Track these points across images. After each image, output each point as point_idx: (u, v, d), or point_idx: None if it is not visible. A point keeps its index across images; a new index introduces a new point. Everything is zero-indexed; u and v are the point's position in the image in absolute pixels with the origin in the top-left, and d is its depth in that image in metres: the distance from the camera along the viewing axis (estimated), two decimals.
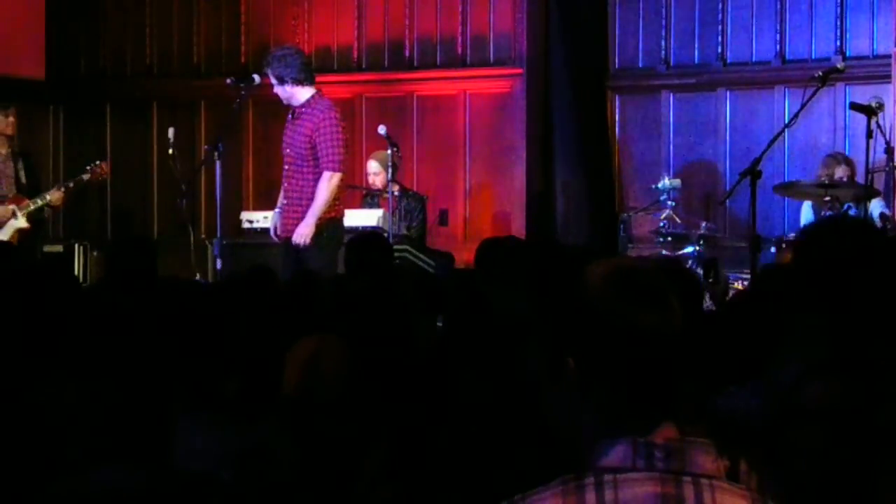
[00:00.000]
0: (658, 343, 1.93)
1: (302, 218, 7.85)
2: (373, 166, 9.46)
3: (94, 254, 10.55)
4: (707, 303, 7.57)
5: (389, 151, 8.94)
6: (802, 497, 2.42)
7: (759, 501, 1.93)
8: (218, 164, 7.95)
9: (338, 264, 7.41)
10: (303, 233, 7.79)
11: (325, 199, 7.81)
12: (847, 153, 9.32)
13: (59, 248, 10.64)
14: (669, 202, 8.89)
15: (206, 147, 9.91)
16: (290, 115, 8.10)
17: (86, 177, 9.68)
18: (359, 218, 8.83)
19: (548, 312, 1.94)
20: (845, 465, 2.44)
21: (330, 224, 7.88)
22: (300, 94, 7.96)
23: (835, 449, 2.47)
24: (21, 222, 9.33)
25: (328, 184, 7.83)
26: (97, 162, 9.81)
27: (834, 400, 2.51)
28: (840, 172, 8.61)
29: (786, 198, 9.28)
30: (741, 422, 2.64)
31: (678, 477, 1.90)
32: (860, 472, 2.44)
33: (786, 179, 9.24)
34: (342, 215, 8.18)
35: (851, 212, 8.31)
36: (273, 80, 7.99)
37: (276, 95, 8.07)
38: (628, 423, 1.92)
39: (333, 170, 7.84)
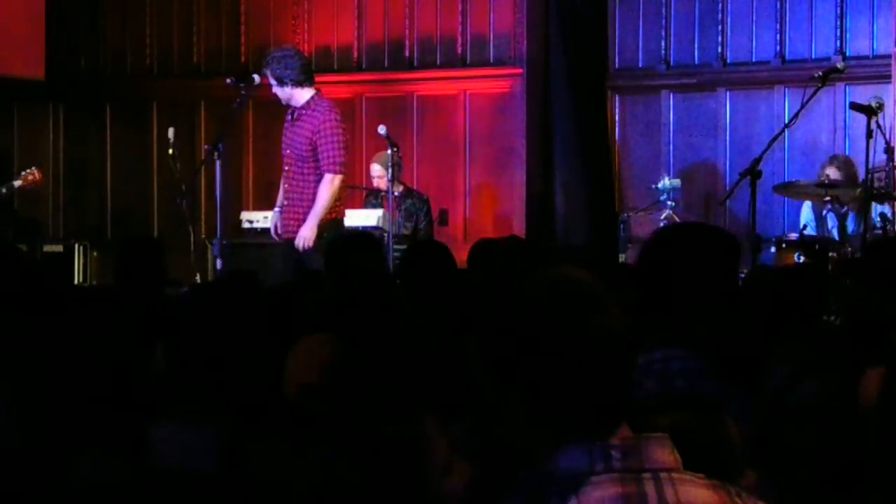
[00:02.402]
0: (604, 348, 1.93)
1: (303, 219, 7.86)
2: (376, 169, 9.44)
3: (95, 254, 10.55)
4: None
5: (390, 152, 8.94)
6: (798, 495, 2.43)
7: (719, 487, 1.93)
8: (218, 164, 7.95)
9: None
10: (305, 236, 7.80)
11: (326, 202, 7.82)
12: (847, 153, 9.31)
13: (59, 248, 10.64)
14: (669, 202, 8.89)
15: (206, 147, 9.90)
16: (289, 116, 8.10)
17: (17, 183, 9.60)
18: (359, 218, 8.83)
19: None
20: (838, 462, 2.44)
21: (331, 225, 7.89)
22: (300, 95, 7.97)
23: (830, 447, 2.47)
24: None
25: (329, 186, 7.84)
26: (31, 168, 9.73)
27: (827, 398, 2.51)
28: (832, 174, 8.58)
29: (786, 198, 9.28)
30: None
31: (638, 475, 1.90)
32: (853, 470, 2.44)
33: (786, 179, 9.24)
34: (343, 216, 8.20)
35: (850, 213, 8.31)
36: (272, 81, 7.99)
37: (276, 95, 8.08)
38: (584, 428, 1.92)
39: (334, 172, 7.85)
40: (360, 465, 2.77)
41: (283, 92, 7.98)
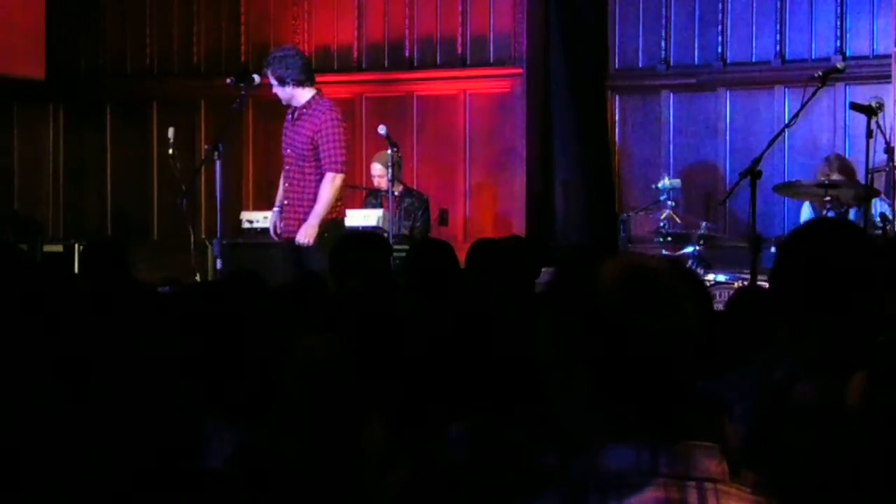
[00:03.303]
0: (670, 347, 1.91)
1: (304, 219, 7.87)
2: (376, 168, 9.44)
3: None
4: None
5: (390, 151, 8.93)
6: (796, 496, 2.42)
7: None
8: (218, 164, 7.95)
9: None
10: (307, 234, 7.81)
11: (328, 201, 7.83)
12: (847, 153, 9.31)
13: (58, 248, 10.63)
14: (669, 202, 8.88)
15: (206, 147, 9.89)
16: (289, 116, 8.11)
17: None
18: (359, 218, 8.82)
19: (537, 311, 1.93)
20: (838, 463, 2.44)
21: (332, 225, 7.90)
22: (301, 95, 7.97)
23: (827, 447, 2.46)
24: None
25: (331, 185, 7.84)
26: None
27: (826, 398, 2.51)
28: (834, 177, 8.58)
29: (786, 198, 9.28)
30: (724, 407, 2.63)
31: (682, 482, 1.89)
32: (853, 471, 2.43)
33: (786, 179, 9.23)
34: (344, 216, 8.20)
35: (851, 213, 8.31)
36: (273, 81, 7.99)
37: (276, 95, 8.08)
38: (639, 427, 1.90)
39: (336, 171, 7.86)
40: (298, 441, 2.77)
41: (283, 92, 7.98)
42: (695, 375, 1.94)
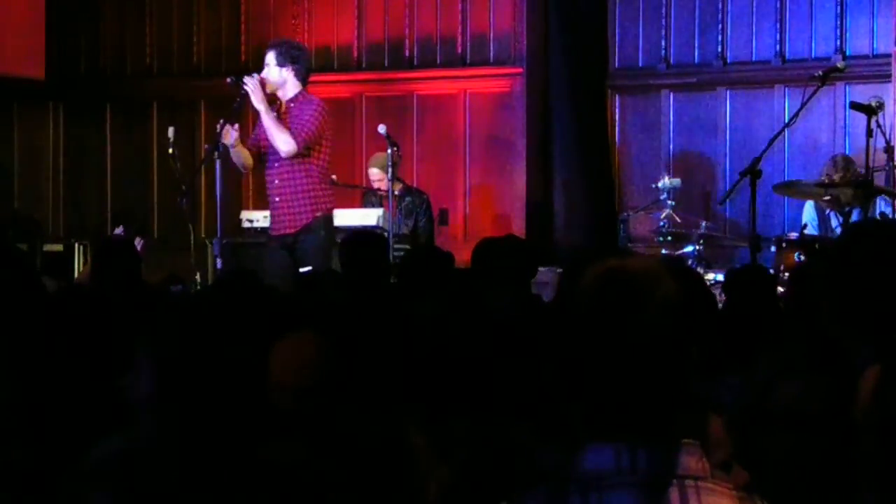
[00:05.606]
0: (645, 345, 1.91)
1: (298, 214, 7.79)
2: (375, 173, 9.39)
3: None
4: None
5: (389, 151, 8.92)
6: (777, 497, 2.41)
7: (745, 500, 1.92)
8: (218, 164, 7.93)
9: (332, 261, 7.39)
10: (253, 82, 7.69)
11: (275, 127, 7.66)
12: (847, 153, 9.31)
13: (59, 247, 10.64)
14: (669, 202, 8.89)
15: (206, 147, 9.88)
16: (274, 113, 7.99)
17: None
18: (358, 217, 8.81)
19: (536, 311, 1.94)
20: (818, 465, 2.43)
21: (323, 221, 7.80)
22: (292, 85, 7.86)
23: (808, 450, 2.46)
24: None
25: (288, 140, 7.64)
26: None
27: (807, 400, 2.50)
28: (837, 179, 8.58)
29: (786, 197, 9.28)
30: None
31: (662, 480, 1.89)
32: (833, 473, 2.43)
33: (786, 179, 9.23)
34: (334, 208, 8.06)
35: (855, 211, 8.31)
36: (272, 61, 7.86)
37: (273, 96, 8.01)
38: (617, 426, 1.91)
39: (296, 142, 7.68)
40: (338, 462, 2.75)
41: (278, 74, 7.85)
42: (679, 375, 1.94)
